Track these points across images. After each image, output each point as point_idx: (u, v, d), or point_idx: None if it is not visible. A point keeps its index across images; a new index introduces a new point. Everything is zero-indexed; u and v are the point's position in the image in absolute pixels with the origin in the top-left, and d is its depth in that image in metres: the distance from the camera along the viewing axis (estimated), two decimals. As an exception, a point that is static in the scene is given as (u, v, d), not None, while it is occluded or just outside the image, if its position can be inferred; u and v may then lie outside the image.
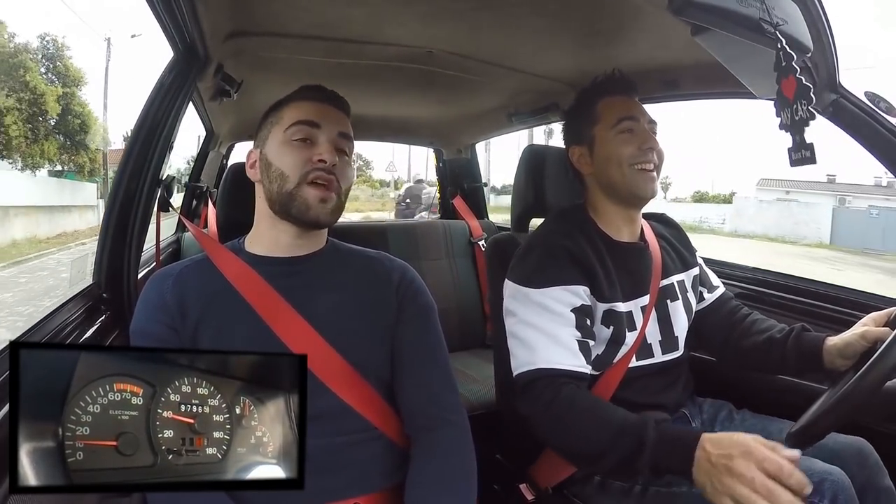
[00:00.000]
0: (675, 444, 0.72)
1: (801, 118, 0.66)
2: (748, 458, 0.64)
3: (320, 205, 0.77)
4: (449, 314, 1.90)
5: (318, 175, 0.77)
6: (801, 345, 0.94)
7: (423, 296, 0.87)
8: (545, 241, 0.96)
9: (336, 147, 0.80)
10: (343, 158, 0.81)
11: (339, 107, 0.84)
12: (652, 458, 0.72)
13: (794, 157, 0.69)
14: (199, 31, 0.99)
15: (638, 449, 0.74)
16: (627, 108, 0.99)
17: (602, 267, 0.95)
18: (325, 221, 0.79)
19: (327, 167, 0.77)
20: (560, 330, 0.88)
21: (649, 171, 0.96)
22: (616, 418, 0.79)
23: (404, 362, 0.82)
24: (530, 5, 0.99)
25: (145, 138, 1.00)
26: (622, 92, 1.01)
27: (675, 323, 1.01)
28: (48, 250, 11.20)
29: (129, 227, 0.99)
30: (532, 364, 0.86)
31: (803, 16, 0.74)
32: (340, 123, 0.82)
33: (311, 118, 0.80)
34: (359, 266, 0.86)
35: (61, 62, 15.60)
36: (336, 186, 0.79)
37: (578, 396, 0.83)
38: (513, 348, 0.91)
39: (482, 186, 2.39)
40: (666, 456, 0.72)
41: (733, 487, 0.63)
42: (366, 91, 1.60)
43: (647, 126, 0.98)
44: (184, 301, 0.76)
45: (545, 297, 0.89)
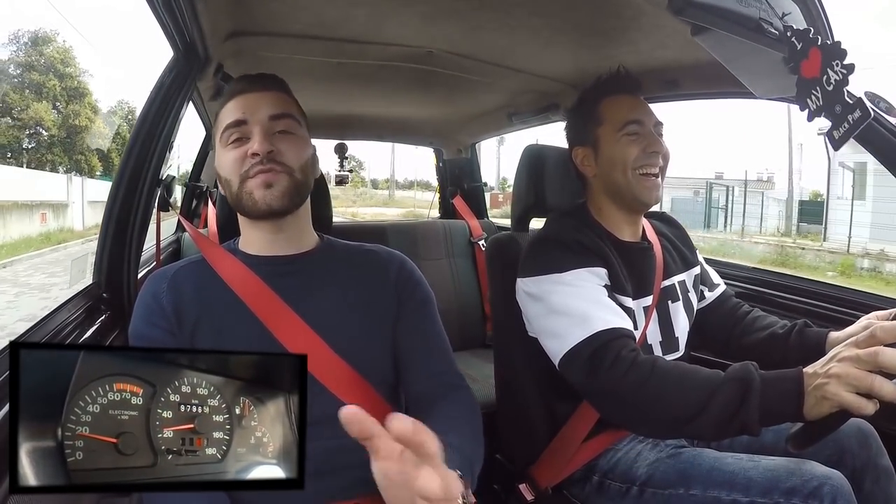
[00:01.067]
0: (782, 381, 0.69)
1: (838, 81, 0.61)
2: (849, 345, 0.65)
3: (266, 191, 0.74)
4: (449, 314, 1.90)
5: (254, 169, 0.74)
6: (804, 340, 0.94)
7: (422, 288, 0.85)
8: (557, 235, 0.95)
9: (270, 132, 0.76)
10: (285, 137, 0.77)
11: (267, 87, 0.79)
12: (761, 400, 0.69)
13: (837, 135, 0.63)
14: (199, 31, 0.99)
15: (745, 395, 0.70)
16: (633, 109, 0.97)
17: (615, 259, 0.94)
18: (279, 206, 0.75)
19: (261, 158, 0.74)
20: (600, 297, 0.87)
21: (653, 177, 0.96)
22: (708, 372, 0.75)
23: (407, 355, 0.81)
24: (530, 5, 0.99)
25: (145, 138, 1.00)
26: (627, 91, 0.99)
27: (676, 324, 1.01)
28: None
29: (129, 226, 0.99)
30: (591, 329, 0.82)
31: (803, 16, 0.74)
32: (272, 105, 0.77)
33: (237, 117, 0.76)
34: (356, 262, 0.84)
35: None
36: (282, 168, 0.75)
37: (659, 360, 0.80)
38: (556, 329, 0.86)
39: (482, 186, 2.39)
40: (776, 395, 0.68)
41: (847, 372, 0.63)
42: (366, 91, 1.59)
43: (652, 129, 0.97)
44: (179, 305, 0.75)
45: (574, 276, 0.88)
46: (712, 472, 0.79)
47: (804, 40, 0.64)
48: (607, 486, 0.90)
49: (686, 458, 0.84)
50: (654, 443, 0.91)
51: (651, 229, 1.07)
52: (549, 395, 0.99)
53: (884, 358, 0.61)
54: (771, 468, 0.75)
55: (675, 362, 0.81)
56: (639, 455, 0.90)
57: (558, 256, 0.90)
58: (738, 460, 0.79)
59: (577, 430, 0.93)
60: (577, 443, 0.93)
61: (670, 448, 0.90)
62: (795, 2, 0.74)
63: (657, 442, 0.91)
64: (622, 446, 0.93)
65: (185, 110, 1.10)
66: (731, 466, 0.78)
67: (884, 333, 0.64)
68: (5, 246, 10.39)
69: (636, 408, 0.79)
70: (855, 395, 0.62)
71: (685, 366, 0.79)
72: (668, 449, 0.89)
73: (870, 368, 0.62)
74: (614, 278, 0.92)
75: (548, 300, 0.88)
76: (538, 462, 0.98)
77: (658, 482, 0.84)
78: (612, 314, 0.85)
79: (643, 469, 0.87)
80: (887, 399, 0.61)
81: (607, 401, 0.83)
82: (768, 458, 0.77)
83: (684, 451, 0.87)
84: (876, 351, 0.62)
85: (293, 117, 0.79)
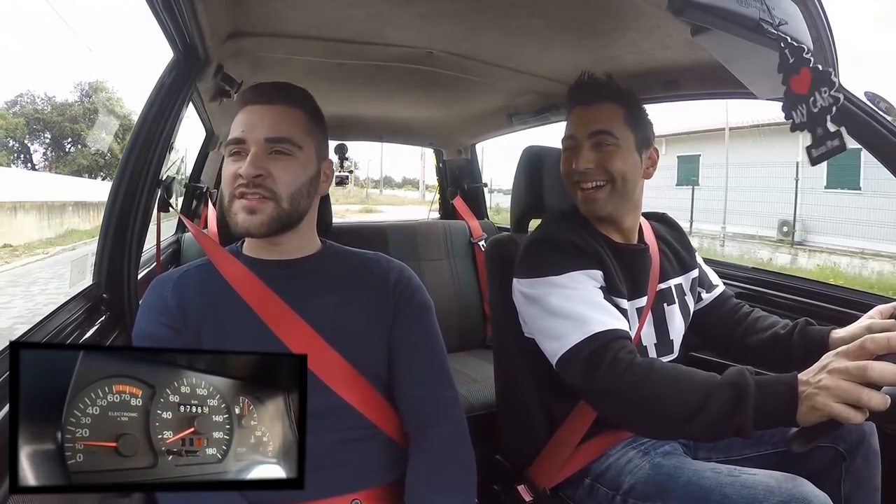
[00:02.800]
0: (776, 386, 0.69)
1: (823, 107, 0.63)
2: (840, 355, 0.66)
3: (248, 217, 0.74)
4: (449, 315, 1.90)
5: (240, 190, 0.74)
6: (807, 338, 0.94)
7: (419, 294, 0.86)
8: (552, 237, 0.95)
9: (264, 153, 0.74)
10: (280, 160, 0.75)
11: (273, 100, 0.77)
12: (756, 405, 0.69)
13: (815, 153, 0.65)
14: (198, 32, 0.99)
15: (740, 399, 0.70)
16: (573, 122, 0.98)
17: (610, 261, 0.95)
18: (258, 233, 0.75)
19: (247, 182, 0.73)
20: (596, 299, 0.87)
21: (587, 190, 0.95)
22: (704, 374, 0.76)
23: (401, 360, 0.82)
24: (530, 6, 0.99)
25: (145, 139, 1.00)
26: (582, 102, 0.98)
27: (671, 327, 1.01)
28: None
29: (129, 227, 0.99)
30: (589, 331, 0.82)
31: (803, 16, 0.74)
32: (271, 125, 0.75)
33: (236, 134, 0.76)
34: (356, 267, 0.85)
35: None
36: (269, 194, 0.74)
37: (655, 363, 0.80)
38: (554, 331, 0.86)
39: (482, 187, 2.40)
40: (770, 399, 0.68)
41: (836, 385, 0.63)
42: (366, 92, 1.59)
43: (586, 140, 0.95)
44: (185, 303, 0.77)
45: (570, 279, 0.88)
46: (689, 486, 0.79)
47: (797, 56, 0.65)
48: (597, 489, 0.91)
49: (667, 471, 0.84)
50: (645, 450, 0.91)
51: (650, 231, 1.07)
52: (546, 396, 0.99)
53: (872, 373, 0.62)
54: (749, 485, 0.74)
55: (672, 364, 0.81)
56: (629, 462, 0.90)
57: (554, 259, 0.90)
58: (718, 474, 0.78)
59: (574, 432, 0.93)
60: (573, 444, 0.93)
61: (659, 456, 0.90)
62: (795, 2, 0.74)
63: (647, 449, 0.91)
64: (615, 451, 0.93)
65: (185, 111, 1.10)
66: (708, 482, 0.78)
67: (873, 345, 0.64)
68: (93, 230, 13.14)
69: (633, 407, 0.79)
70: (844, 406, 0.63)
71: (682, 368, 0.79)
72: (657, 457, 0.89)
73: (859, 381, 0.63)
74: (609, 280, 0.92)
75: (544, 302, 0.88)
76: (536, 462, 0.98)
77: (638, 493, 0.85)
78: (609, 316, 0.85)
79: (627, 478, 0.87)
80: (876, 411, 0.62)
81: (605, 400, 0.82)
82: (749, 473, 0.77)
83: (667, 463, 0.87)
84: (865, 366, 0.63)
85: (291, 141, 0.75)
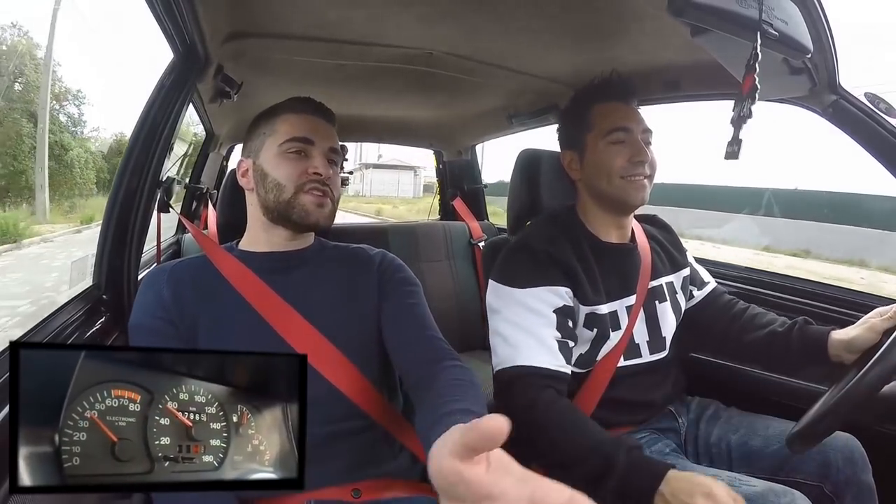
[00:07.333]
0: (643, 473, 0.72)
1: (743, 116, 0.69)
2: (709, 499, 0.65)
3: (318, 209, 0.84)
4: (448, 315, 1.90)
5: (313, 186, 0.84)
6: (805, 337, 0.94)
7: (402, 271, 0.91)
8: (529, 244, 0.96)
9: (327, 160, 0.86)
10: (333, 169, 0.87)
11: (328, 120, 0.90)
12: (619, 482, 0.72)
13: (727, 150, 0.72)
14: (198, 33, 0.99)
15: (607, 470, 0.74)
16: (621, 116, 0.97)
17: (585, 270, 0.95)
18: (324, 224, 0.86)
19: (321, 179, 0.84)
20: (541, 330, 0.89)
21: (640, 180, 0.96)
22: (591, 435, 0.79)
23: (395, 330, 0.84)
24: (530, 7, 0.99)
25: (145, 140, 1.00)
26: (618, 98, 0.99)
27: (664, 324, 1.01)
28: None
29: (129, 228, 0.99)
30: (513, 361, 0.87)
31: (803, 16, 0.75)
32: (331, 139, 0.88)
33: (304, 135, 0.85)
34: (342, 257, 0.91)
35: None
36: (330, 194, 0.86)
37: (558, 405, 0.83)
38: (495, 346, 0.92)
39: (482, 188, 2.39)
40: (633, 482, 0.72)
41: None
42: (366, 92, 1.59)
43: (640, 136, 0.97)
44: (179, 295, 0.79)
45: (528, 296, 0.90)
46: None
47: (754, 61, 0.67)
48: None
49: None
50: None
51: (641, 231, 1.07)
52: None
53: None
54: (750, 497, 0.74)
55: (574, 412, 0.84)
56: None
57: (524, 271, 0.93)
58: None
59: None
60: None
61: (656, 454, 0.90)
62: (795, 3, 0.74)
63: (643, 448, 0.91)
64: None
65: (185, 112, 1.10)
66: None
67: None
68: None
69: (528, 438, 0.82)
70: None
71: (580, 420, 0.82)
72: (655, 456, 0.89)
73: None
74: (581, 291, 0.93)
75: (501, 310, 0.92)
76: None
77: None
78: (542, 352, 0.87)
79: None
80: None
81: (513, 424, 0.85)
82: (742, 487, 0.77)
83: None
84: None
85: (340, 155, 0.90)
